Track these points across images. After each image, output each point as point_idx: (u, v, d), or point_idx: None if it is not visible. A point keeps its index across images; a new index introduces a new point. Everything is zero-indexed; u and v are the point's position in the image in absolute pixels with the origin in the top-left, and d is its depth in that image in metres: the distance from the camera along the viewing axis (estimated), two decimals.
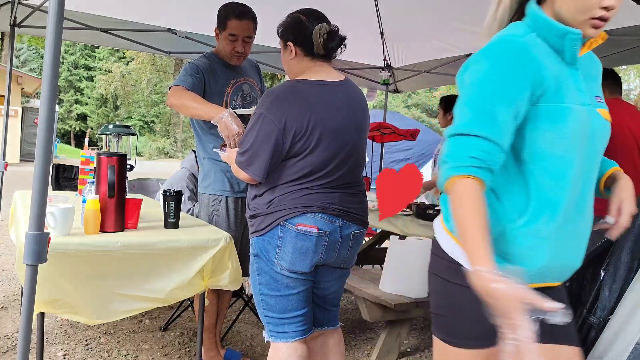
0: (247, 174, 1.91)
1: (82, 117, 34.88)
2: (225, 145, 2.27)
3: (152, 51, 4.92)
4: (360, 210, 1.98)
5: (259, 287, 1.96)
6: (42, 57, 29.61)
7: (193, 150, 3.35)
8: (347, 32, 2.01)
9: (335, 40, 1.92)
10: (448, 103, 4.00)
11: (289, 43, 1.97)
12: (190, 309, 3.51)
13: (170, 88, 2.53)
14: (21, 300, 1.84)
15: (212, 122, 2.30)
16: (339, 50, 1.97)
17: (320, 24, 1.89)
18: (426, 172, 5.25)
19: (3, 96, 4.68)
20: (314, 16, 1.93)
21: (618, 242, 1.78)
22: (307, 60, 1.95)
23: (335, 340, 2.12)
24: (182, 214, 2.62)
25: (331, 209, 1.88)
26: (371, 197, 3.35)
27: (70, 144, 32.95)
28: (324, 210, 1.87)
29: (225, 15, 2.54)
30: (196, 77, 2.52)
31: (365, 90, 6.18)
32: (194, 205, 3.40)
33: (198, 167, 2.79)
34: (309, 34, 1.89)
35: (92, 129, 31.64)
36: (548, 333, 1.21)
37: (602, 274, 1.82)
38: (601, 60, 4.48)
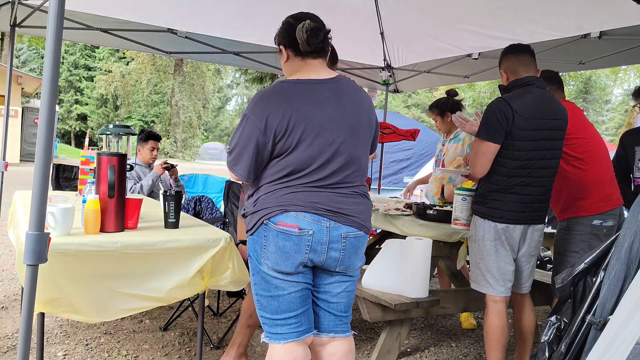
0: (234, 174, 1.94)
1: (82, 117, 34.89)
2: None
3: (152, 51, 4.92)
4: (355, 212, 1.92)
5: (254, 287, 1.96)
6: (42, 57, 29.63)
7: None
8: (347, 32, 2.01)
9: (319, 36, 1.90)
10: (440, 107, 3.87)
11: (281, 47, 1.98)
12: (190, 309, 3.51)
13: None
14: (21, 300, 1.84)
15: None
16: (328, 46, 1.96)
17: (302, 22, 1.87)
18: (426, 172, 5.26)
19: (3, 96, 4.68)
20: (303, 18, 1.92)
21: (617, 243, 1.78)
22: (298, 60, 1.95)
23: (346, 349, 2.05)
24: (182, 214, 2.62)
25: (317, 208, 1.85)
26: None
27: (70, 144, 32.97)
28: (308, 209, 1.84)
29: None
30: None
31: (365, 90, 6.18)
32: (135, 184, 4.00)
33: None
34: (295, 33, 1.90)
35: (92, 129, 31.66)
36: None
37: (602, 274, 1.82)
38: (601, 60, 4.50)
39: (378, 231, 4.35)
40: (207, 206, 4.15)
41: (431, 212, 3.18)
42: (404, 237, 3.01)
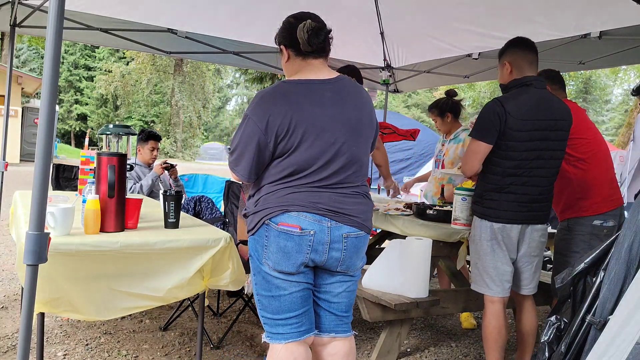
0: (235, 174, 1.95)
1: (82, 117, 34.90)
2: None
3: (152, 51, 4.92)
4: (356, 212, 1.93)
5: (255, 287, 1.96)
6: (42, 57, 29.63)
7: None
8: (347, 32, 2.01)
9: (320, 35, 1.90)
10: (439, 107, 3.86)
11: (282, 47, 1.98)
12: (190, 309, 3.51)
13: None
14: (21, 300, 1.84)
15: None
16: (329, 46, 1.96)
17: (303, 22, 1.88)
18: (426, 172, 5.25)
19: (3, 96, 4.69)
20: (304, 17, 1.92)
21: (617, 242, 1.78)
22: (299, 60, 1.95)
23: (346, 349, 2.06)
24: (182, 214, 2.62)
25: (318, 208, 1.86)
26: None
27: (70, 144, 32.97)
28: (309, 209, 1.85)
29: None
30: None
31: (366, 90, 6.18)
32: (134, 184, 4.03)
33: None
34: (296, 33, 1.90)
35: (92, 129, 31.66)
36: None
37: (602, 274, 1.82)
38: (601, 60, 4.49)
39: (378, 231, 4.36)
40: (207, 206, 4.15)
41: (431, 212, 3.18)
42: (404, 237, 3.01)
